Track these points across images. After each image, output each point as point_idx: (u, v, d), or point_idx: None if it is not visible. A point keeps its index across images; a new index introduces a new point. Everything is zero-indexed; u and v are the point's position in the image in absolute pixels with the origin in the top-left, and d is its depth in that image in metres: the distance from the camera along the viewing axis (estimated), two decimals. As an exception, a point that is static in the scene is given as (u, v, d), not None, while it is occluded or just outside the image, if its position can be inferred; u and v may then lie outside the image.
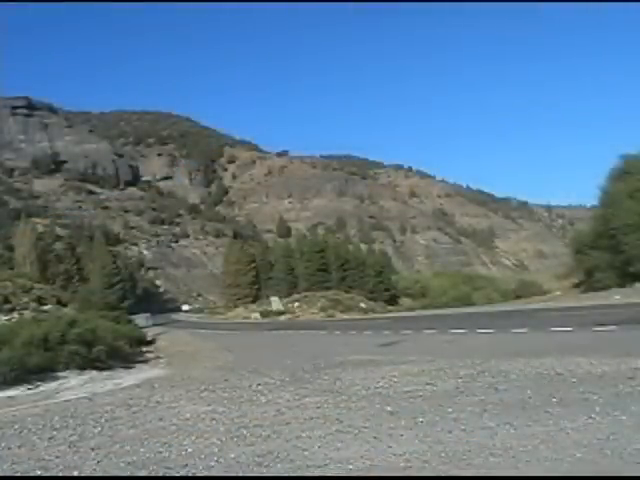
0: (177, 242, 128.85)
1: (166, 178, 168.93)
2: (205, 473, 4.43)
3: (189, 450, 5.16)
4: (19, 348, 12.35)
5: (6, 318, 19.63)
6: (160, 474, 4.51)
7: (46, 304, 24.29)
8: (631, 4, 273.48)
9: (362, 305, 53.66)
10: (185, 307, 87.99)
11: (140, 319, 40.24)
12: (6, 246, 61.70)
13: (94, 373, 13.56)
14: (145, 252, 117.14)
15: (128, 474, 4.61)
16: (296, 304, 53.87)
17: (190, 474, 4.44)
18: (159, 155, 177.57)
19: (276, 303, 54.72)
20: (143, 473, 4.58)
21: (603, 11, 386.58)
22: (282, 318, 47.25)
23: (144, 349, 21.43)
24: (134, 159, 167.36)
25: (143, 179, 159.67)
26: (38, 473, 4.87)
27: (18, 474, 4.90)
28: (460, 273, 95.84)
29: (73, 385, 11.94)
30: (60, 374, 13.01)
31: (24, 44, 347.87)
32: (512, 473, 3.75)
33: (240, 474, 4.32)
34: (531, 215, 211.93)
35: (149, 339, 26.21)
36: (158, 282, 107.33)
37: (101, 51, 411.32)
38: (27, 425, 7.15)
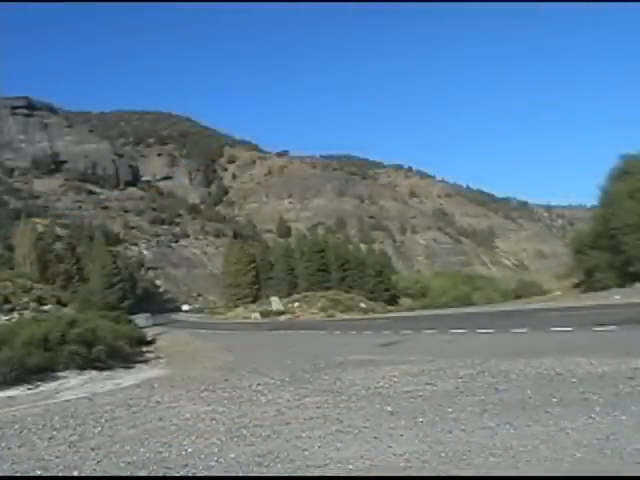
0: (177, 242, 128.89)
1: (166, 178, 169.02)
2: (205, 473, 4.43)
3: (189, 450, 5.16)
4: (19, 348, 12.35)
5: (6, 318, 19.62)
6: (160, 474, 4.51)
7: (46, 304, 24.28)
8: (631, 4, 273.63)
9: (362, 305, 53.63)
10: (185, 307, 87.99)
11: (140, 319, 40.24)
12: (6, 246, 61.74)
13: (94, 373, 13.56)
14: (145, 252, 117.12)
15: (128, 474, 4.61)
16: (296, 304, 53.83)
17: (190, 474, 4.44)
18: (159, 155, 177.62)
19: (276, 303, 54.69)
20: (143, 473, 4.58)
21: (603, 11, 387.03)
22: (282, 318, 47.21)
23: (144, 349, 21.43)
24: (134, 159, 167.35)
25: (143, 179, 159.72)
26: (38, 473, 4.87)
27: (18, 474, 4.90)
28: (460, 273, 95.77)
29: (73, 385, 11.94)
30: (60, 374, 13.01)
31: (24, 44, 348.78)
32: (512, 473, 3.75)
33: (240, 474, 4.32)
34: (531, 215, 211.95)
35: (149, 339, 26.21)
36: (158, 282, 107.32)
37: (101, 51, 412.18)
38: (27, 425, 7.14)
